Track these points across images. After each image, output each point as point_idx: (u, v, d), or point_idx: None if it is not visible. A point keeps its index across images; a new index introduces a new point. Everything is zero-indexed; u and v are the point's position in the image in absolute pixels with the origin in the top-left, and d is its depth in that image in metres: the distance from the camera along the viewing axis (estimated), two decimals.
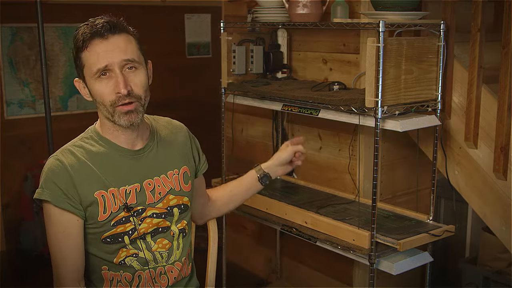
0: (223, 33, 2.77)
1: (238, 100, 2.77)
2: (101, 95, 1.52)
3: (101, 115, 1.60)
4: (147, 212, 1.61)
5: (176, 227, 1.68)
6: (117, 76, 1.50)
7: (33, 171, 3.75)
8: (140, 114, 1.55)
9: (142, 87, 1.54)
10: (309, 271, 3.05)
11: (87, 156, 1.57)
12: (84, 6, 3.96)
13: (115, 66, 1.50)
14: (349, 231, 2.24)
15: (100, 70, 1.50)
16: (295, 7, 2.53)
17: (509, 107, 2.20)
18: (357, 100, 2.17)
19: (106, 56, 1.49)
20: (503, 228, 2.31)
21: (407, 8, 2.22)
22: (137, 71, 1.54)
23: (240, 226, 3.38)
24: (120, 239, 1.57)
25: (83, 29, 1.51)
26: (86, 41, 1.50)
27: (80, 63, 1.53)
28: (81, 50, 1.51)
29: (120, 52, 1.50)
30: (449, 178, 2.46)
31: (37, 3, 2.54)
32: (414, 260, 2.27)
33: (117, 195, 1.56)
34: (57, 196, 1.52)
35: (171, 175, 1.67)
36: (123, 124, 1.54)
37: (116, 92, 1.50)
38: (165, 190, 1.65)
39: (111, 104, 1.52)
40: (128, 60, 1.51)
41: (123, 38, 1.52)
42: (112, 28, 1.51)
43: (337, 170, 2.79)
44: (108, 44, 1.50)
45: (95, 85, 1.52)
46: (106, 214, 1.55)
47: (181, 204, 1.68)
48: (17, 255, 3.75)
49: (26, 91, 3.85)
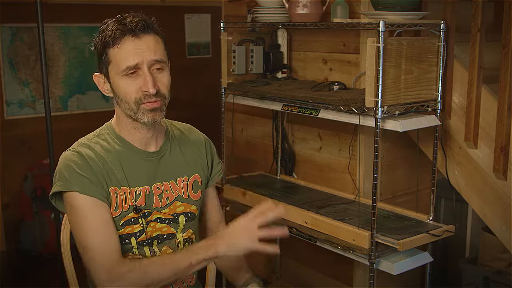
0: (223, 33, 2.77)
1: (238, 100, 2.77)
2: (127, 92, 1.52)
3: (119, 112, 1.59)
4: (153, 216, 1.60)
5: (182, 235, 1.66)
6: (145, 75, 1.50)
7: (33, 171, 3.75)
8: (163, 112, 1.56)
9: (167, 87, 1.56)
10: (309, 271, 3.05)
11: (104, 151, 1.57)
12: (84, 6, 3.96)
13: (145, 65, 1.50)
14: (349, 231, 2.24)
15: (130, 68, 1.50)
16: (295, 7, 2.53)
17: (509, 107, 2.20)
18: (357, 100, 2.17)
19: (137, 55, 1.49)
20: (503, 228, 2.31)
21: (407, 8, 2.22)
22: (163, 72, 1.55)
23: None
24: (127, 241, 1.56)
25: (113, 25, 1.51)
26: (117, 37, 1.49)
27: (106, 58, 1.53)
28: (110, 46, 1.51)
29: (150, 52, 1.51)
30: (449, 178, 2.46)
31: (37, 3, 2.54)
32: (414, 260, 2.27)
33: (128, 195, 1.56)
34: (85, 184, 1.50)
35: (180, 182, 1.66)
36: (147, 121, 1.53)
37: (143, 91, 1.50)
38: (172, 196, 1.64)
39: (136, 102, 1.52)
40: (157, 61, 1.52)
41: (153, 38, 1.53)
42: (145, 27, 1.51)
43: (337, 170, 2.79)
44: (140, 43, 1.50)
45: (121, 82, 1.52)
46: (117, 212, 1.54)
47: (188, 212, 1.67)
48: (17, 255, 3.75)
49: (26, 91, 3.86)
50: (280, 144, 3.04)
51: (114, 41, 1.50)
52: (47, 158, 2.78)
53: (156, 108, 1.53)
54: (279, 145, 3.04)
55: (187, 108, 4.52)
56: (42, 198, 3.69)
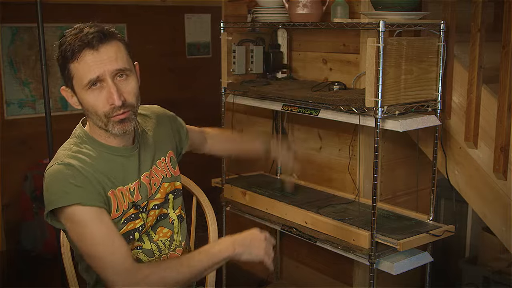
0: (223, 33, 2.77)
1: (238, 100, 2.77)
2: (94, 106, 1.50)
3: (91, 122, 1.58)
4: (150, 205, 1.64)
5: (174, 213, 1.71)
6: (109, 87, 1.48)
7: (33, 171, 3.75)
8: (133, 121, 1.55)
9: (134, 94, 1.53)
10: (309, 271, 3.05)
11: (90, 159, 1.55)
12: (84, 6, 3.96)
13: (107, 76, 1.47)
14: (349, 231, 2.24)
15: (92, 81, 1.47)
16: (295, 7, 2.52)
17: (509, 107, 2.20)
18: (357, 100, 2.17)
19: (97, 67, 1.47)
20: (503, 228, 2.31)
21: (407, 8, 2.22)
22: (128, 79, 1.52)
23: (240, 226, 3.37)
24: (132, 237, 1.59)
25: (71, 39, 1.48)
26: (76, 52, 1.47)
27: (68, 73, 1.50)
28: (70, 61, 1.48)
29: (111, 62, 1.48)
30: (449, 178, 2.46)
31: (37, 3, 2.54)
32: (414, 260, 2.27)
33: (126, 193, 1.58)
34: (84, 195, 1.47)
35: (160, 164, 1.71)
36: (117, 132, 1.53)
37: (110, 104, 1.48)
38: (159, 180, 1.68)
39: (105, 115, 1.50)
40: (119, 70, 1.49)
41: (113, 47, 1.50)
42: (103, 38, 1.48)
43: (337, 170, 2.78)
44: (99, 55, 1.47)
45: (86, 96, 1.50)
46: (118, 212, 1.56)
47: (174, 189, 1.73)
48: (17, 255, 3.75)
49: (26, 91, 3.86)
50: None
51: (73, 55, 1.47)
52: (47, 158, 2.78)
53: (125, 118, 1.51)
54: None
55: (187, 108, 4.51)
56: (42, 198, 3.67)
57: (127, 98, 1.51)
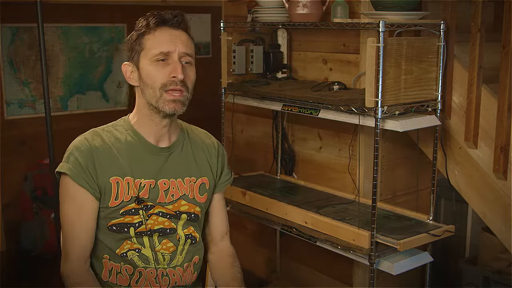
0: (223, 33, 2.77)
1: (238, 100, 2.77)
2: (154, 77, 1.56)
3: (141, 103, 1.63)
4: (155, 210, 1.63)
5: (183, 231, 1.68)
6: (175, 63, 1.56)
7: (33, 171, 3.75)
8: (184, 106, 1.60)
9: (192, 82, 1.61)
10: (309, 271, 3.05)
11: (113, 141, 1.61)
12: (84, 6, 3.96)
13: (176, 55, 1.56)
14: (349, 231, 2.24)
15: (163, 53, 1.55)
16: (295, 7, 2.52)
17: (509, 107, 2.20)
18: (357, 100, 2.17)
19: (171, 43, 1.56)
20: (503, 228, 2.31)
21: (407, 8, 2.22)
22: (191, 67, 1.61)
23: (240, 226, 3.38)
24: (126, 229, 1.60)
25: (150, 16, 1.58)
26: (154, 26, 1.56)
27: (138, 47, 1.58)
28: (145, 34, 1.57)
29: (183, 45, 1.58)
30: (449, 178, 2.46)
31: (37, 3, 2.54)
32: (414, 260, 2.27)
33: (132, 186, 1.59)
34: (77, 171, 1.55)
35: (187, 182, 1.69)
36: (167, 110, 1.57)
37: (171, 76, 1.55)
38: (178, 194, 1.66)
39: (161, 87, 1.56)
40: (188, 54, 1.59)
41: (187, 35, 1.61)
42: (181, 23, 1.60)
43: (337, 170, 2.78)
44: (176, 33, 1.58)
45: (150, 67, 1.57)
46: (117, 201, 1.58)
47: (192, 213, 1.69)
48: (17, 255, 3.75)
49: (26, 91, 3.85)
50: (280, 144, 3.04)
51: (150, 29, 1.57)
52: (47, 158, 2.78)
53: (178, 99, 1.57)
54: (279, 145, 3.04)
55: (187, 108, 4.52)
56: (42, 198, 3.69)
57: (187, 80, 1.58)
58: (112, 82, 4.17)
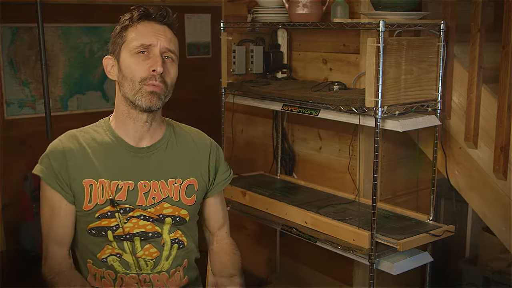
0: (223, 33, 2.77)
1: (238, 100, 2.77)
2: (134, 70, 1.53)
3: (119, 100, 1.61)
4: (135, 213, 1.58)
5: (169, 236, 1.62)
6: (156, 56, 1.53)
7: None
8: (161, 101, 1.56)
9: (172, 78, 1.59)
10: (309, 271, 3.05)
11: (89, 142, 1.59)
12: (84, 6, 3.95)
13: (157, 48, 1.54)
14: (349, 231, 2.24)
15: (144, 46, 1.53)
16: (295, 7, 2.52)
17: (509, 107, 2.20)
18: (357, 100, 2.17)
19: (153, 36, 1.54)
20: (503, 228, 2.31)
21: (407, 8, 2.22)
22: (173, 63, 1.59)
23: (240, 226, 3.38)
24: (104, 233, 1.56)
25: (136, 10, 1.57)
26: (137, 19, 1.55)
27: (120, 39, 1.57)
28: (128, 27, 1.57)
29: (166, 40, 1.56)
30: (449, 178, 2.46)
31: (37, 3, 2.54)
32: (414, 260, 2.27)
33: (107, 188, 1.55)
34: (48, 173, 1.56)
35: (171, 183, 1.62)
36: (143, 104, 1.53)
37: (151, 70, 1.52)
38: (160, 196, 1.60)
39: (141, 81, 1.53)
40: (169, 50, 1.56)
41: (171, 32, 1.59)
42: (168, 18, 1.58)
43: (337, 170, 2.78)
44: (159, 28, 1.56)
45: (130, 59, 1.54)
46: (91, 204, 1.55)
47: (177, 216, 1.62)
48: (17, 255, 3.74)
49: (26, 91, 3.85)
50: (280, 144, 3.04)
51: (133, 22, 1.56)
52: None
53: (155, 92, 1.53)
54: (279, 145, 3.04)
55: (187, 108, 4.52)
56: None
57: (166, 76, 1.56)
58: (112, 82, 4.15)
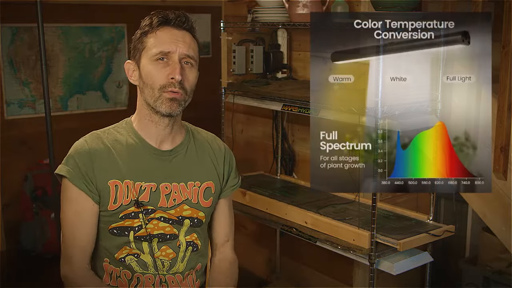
0: (223, 33, 2.77)
1: (238, 100, 2.77)
2: (153, 77, 1.55)
3: (140, 104, 1.62)
4: (156, 214, 1.60)
5: (185, 238, 1.65)
6: (175, 63, 1.55)
7: (33, 171, 3.75)
8: (181, 107, 1.58)
9: (192, 84, 1.60)
10: (309, 271, 3.05)
11: (113, 144, 1.60)
12: (84, 6, 3.96)
13: (176, 55, 1.55)
14: (349, 231, 2.24)
15: (163, 53, 1.54)
16: (295, 7, 2.52)
17: (509, 107, 2.20)
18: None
19: (172, 43, 1.55)
20: (503, 228, 2.31)
21: (407, 8, 2.22)
22: (192, 69, 1.60)
23: (240, 226, 3.38)
24: (126, 233, 1.58)
25: (155, 15, 1.58)
26: (156, 25, 1.56)
27: (140, 45, 1.58)
28: (148, 33, 1.57)
29: (185, 46, 1.57)
30: None
31: (37, 3, 2.54)
32: (414, 260, 2.27)
33: (131, 189, 1.57)
34: (75, 173, 1.55)
35: (190, 186, 1.65)
36: (163, 110, 1.55)
37: (170, 77, 1.54)
38: (180, 198, 1.63)
39: (160, 88, 1.55)
40: (189, 56, 1.57)
41: (190, 37, 1.60)
42: (187, 23, 1.59)
43: None
44: (178, 34, 1.57)
45: (149, 66, 1.56)
46: (116, 205, 1.56)
47: (195, 218, 1.66)
48: (17, 255, 3.75)
49: (26, 91, 3.85)
50: (280, 144, 3.04)
51: (152, 28, 1.56)
52: (47, 158, 2.78)
53: (175, 98, 1.55)
54: (279, 145, 3.04)
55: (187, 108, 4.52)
56: (42, 198, 3.69)
57: (185, 82, 1.57)
58: (112, 82, 4.17)
